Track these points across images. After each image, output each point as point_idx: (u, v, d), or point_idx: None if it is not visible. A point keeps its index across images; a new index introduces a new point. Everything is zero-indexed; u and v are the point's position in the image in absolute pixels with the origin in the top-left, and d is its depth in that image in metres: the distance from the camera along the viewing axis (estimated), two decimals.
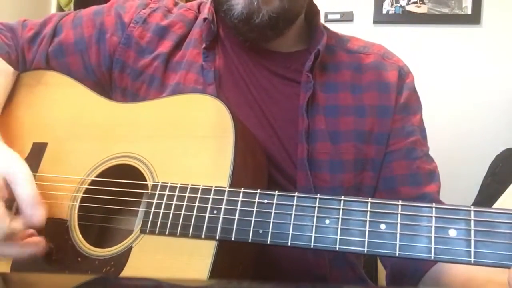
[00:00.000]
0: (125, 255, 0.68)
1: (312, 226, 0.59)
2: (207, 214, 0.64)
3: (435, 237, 0.54)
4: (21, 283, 0.55)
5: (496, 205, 1.46)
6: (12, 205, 0.70)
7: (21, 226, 0.66)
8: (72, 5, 2.63)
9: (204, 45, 0.86)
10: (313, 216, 0.59)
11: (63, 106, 0.85)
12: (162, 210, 0.67)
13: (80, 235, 0.74)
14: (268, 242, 0.61)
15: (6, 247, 0.67)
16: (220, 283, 0.57)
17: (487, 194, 2.00)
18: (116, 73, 0.89)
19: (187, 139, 0.71)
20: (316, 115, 0.83)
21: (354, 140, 0.83)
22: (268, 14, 0.78)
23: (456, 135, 2.29)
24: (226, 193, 0.65)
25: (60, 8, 2.63)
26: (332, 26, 0.97)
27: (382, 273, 1.45)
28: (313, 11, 0.91)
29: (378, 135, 0.84)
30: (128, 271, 0.67)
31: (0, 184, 0.66)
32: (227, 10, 0.80)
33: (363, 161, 0.84)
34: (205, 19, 0.87)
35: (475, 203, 2.02)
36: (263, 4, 0.77)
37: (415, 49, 2.33)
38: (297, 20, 0.86)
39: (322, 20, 0.95)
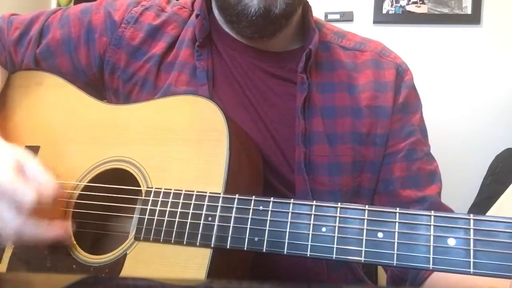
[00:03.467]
0: (119, 262, 0.67)
1: (309, 234, 0.58)
2: (202, 222, 0.63)
3: (433, 246, 0.53)
4: (16, 283, 0.54)
5: (496, 205, 1.45)
6: None
7: (44, 193, 0.67)
8: (72, 5, 2.62)
9: (197, 43, 0.84)
10: (309, 224, 0.58)
11: (54, 108, 0.84)
12: (156, 217, 0.66)
13: (74, 242, 0.73)
14: (264, 250, 0.60)
15: (33, 225, 0.67)
16: (220, 283, 0.56)
17: (487, 194, 1.99)
18: (107, 75, 0.87)
19: (180, 142, 0.70)
20: (313, 117, 0.81)
21: (352, 142, 0.81)
22: (284, 2, 0.76)
23: (456, 135, 2.28)
24: (220, 199, 0.63)
25: None
26: None
27: (382, 273, 1.44)
28: (305, 6, 0.88)
29: (376, 136, 0.83)
30: None
31: (15, 166, 0.68)
32: (242, 11, 0.76)
33: (361, 163, 0.82)
34: (197, 15, 0.84)
35: (475, 203, 2.01)
36: None
37: (415, 49, 2.32)
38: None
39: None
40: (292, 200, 0.61)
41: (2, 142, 0.75)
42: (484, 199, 1.97)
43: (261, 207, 0.61)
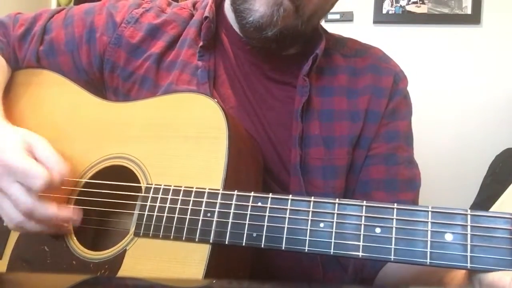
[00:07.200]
0: (119, 258, 0.68)
1: (307, 230, 0.58)
2: (201, 217, 0.64)
3: (431, 241, 0.54)
4: (17, 283, 0.55)
5: (496, 205, 1.45)
6: None
7: (55, 174, 0.68)
8: (72, 5, 2.62)
9: (201, 44, 0.85)
10: (308, 219, 0.59)
11: (56, 106, 0.84)
12: (155, 213, 0.67)
13: (74, 238, 0.73)
14: (263, 246, 0.60)
15: (44, 207, 0.68)
16: (220, 283, 0.57)
17: (487, 194, 1.99)
18: (107, 73, 0.88)
19: (180, 140, 0.71)
20: (311, 120, 0.82)
21: (348, 146, 0.82)
22: (280, 30, 0.77)
23: (456, 135, 2.28)
24: (219, 195, 0.64)
25: None
26: (332, 26, 0.96)
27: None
28: None
29: (364, 139, 0.83)
30: (122, 275, 0.66)
31: (23, 146, 0.70)
32: (244, 11, 0.78)
33: (353, 165, 0.83)
34: (206, 17, 0.85)
35: (475, 204, 2.01)
36: (281, 20, 0.76)
37: (415, 49, 2.32)
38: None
39: (321, 21, 0.93)
40: (290, 196, 0.61)
41: (10, 125, 0.76)
42: (484, 199, 1.97)
43: (259, 203, 0.62)
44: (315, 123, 0.82)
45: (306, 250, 0.58)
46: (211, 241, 0.62)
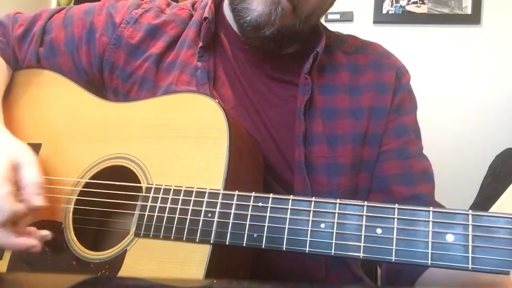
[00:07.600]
0: (119, 258, 0.67)
1: (308, 230, 0.58)
2: (202, 218, 0.64)
3: (432, 242, 0.53)
4: (17, 283, 0.55)
5: (496, 205, 1.45)
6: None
7: (24, 208, 0.67)
8: (72, 5, 2.62)
9: (200, 44, 0.84)
10: (308, 220, 0.59)
11: (57, 106, 0.84)
12: (156, 213, 0.66)
13: (75, 238, 0.73)
14: (263, 247, 0.60)
15: (7, 235, 0.67)
16: (220, 283, 0.57)
17: (487, 194, 1.99)
18: (106, 74, 0.88)
19: (181, 140, 0.71)
20: (314, 118, 0.81)
21: (352, 143, 0.82)
22: (278, 30, 0.77)
23: (456, 135, 2.28)
24: (220, 196, 0.64)
25: None
26: (332, 26, 0.96)
27: None
28: None
29: (372, 136, 0.83)
30: (123, 275, 0.66)
31: (9, 167, 0.68)
32: (242, 10, 0.78)
33: (359, 163, 0.83)
34: (205, 18, 0.85)
35: (475, 203, 2.01)
36: (279, 19, 0.76)
37: (415, 49, 2.32)
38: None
39: (322, 20, 0.93)
40: (291, 197, 0.61)
41: (8, 136, 0.76)
42: (484, 199, 1.98)
43: (260, 204, 0.61)
44: (318, 121, 0.82)
45: (307, 251, 0.57)
46: (211, 241, 0.62)
